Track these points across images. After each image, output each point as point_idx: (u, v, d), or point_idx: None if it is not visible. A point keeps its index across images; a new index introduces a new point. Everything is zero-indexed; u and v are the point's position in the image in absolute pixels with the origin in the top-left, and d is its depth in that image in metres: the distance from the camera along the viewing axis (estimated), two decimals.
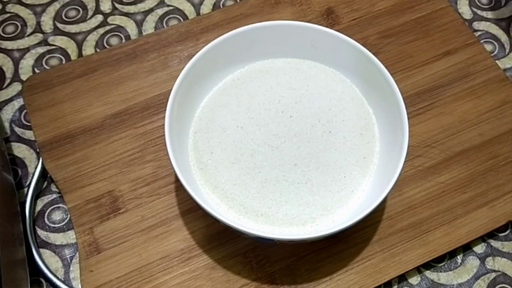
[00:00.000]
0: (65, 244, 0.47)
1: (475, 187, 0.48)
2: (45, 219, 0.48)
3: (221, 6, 0.59)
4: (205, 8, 0.59)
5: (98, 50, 0.57)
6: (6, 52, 0.57)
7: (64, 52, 0.57)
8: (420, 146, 0.50)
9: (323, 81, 0.48)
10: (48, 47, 0.57)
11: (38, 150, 0.50)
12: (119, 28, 0.58)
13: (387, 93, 0.44)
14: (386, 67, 0.44)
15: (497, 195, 0.48)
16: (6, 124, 0.53)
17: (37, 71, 0.55)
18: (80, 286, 0.44)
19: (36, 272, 0.46)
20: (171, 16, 0.59)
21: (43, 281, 0.46)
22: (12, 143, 0.52)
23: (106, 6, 0.59)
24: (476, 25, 0.58)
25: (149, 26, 0.58)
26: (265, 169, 0.44)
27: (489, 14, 0.59)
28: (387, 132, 0.45)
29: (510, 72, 0.55)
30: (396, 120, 0.43)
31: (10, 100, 0.54)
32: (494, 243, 0.47)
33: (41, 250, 0.47)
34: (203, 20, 0.56)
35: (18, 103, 0.54)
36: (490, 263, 0.47)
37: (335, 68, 0.48)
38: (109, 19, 0.59)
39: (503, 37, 0.58)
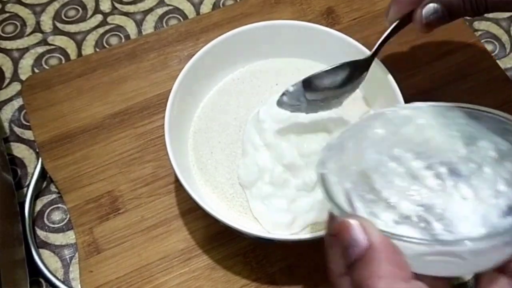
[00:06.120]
0: (65, 244, 0.47)
1: None
2: (45, 219, 0.48)
3: (221, 6, 0.59)
4: (205, 8, 0.59)
5: (97, 49, 0.56)
6: (6, 52, 0.57)
7: (63, 51, 0.57)
8: None
9: None
10: (48, 47, 0.57)
11: (37, 150, 0.50)
12: (119, 28, 0.58)
13: (387, 93, 0.44)
14: (386, 67, 0.44)
15: None
16: (6, 124, 0.53)
17: (36, 71, 0.55)
18: (79, 287, 0.44)
19: (35, 273, 0.45)
20: (170, 15, 0.59)
21: (42, 281, 0.46)
22: (12, 143, 0.52)
23: (105, 6, 0.59)
24: (476, 24, 0.58)
25: (148, 26, 0.58)
26: None
27: (489, 14, 0.59)
28: None
29: (510, 72, 0.55)
30: None
31: (10, 100, 0.54)
32: None
33: (41, 251, 0.47)
34: (203, 20, 0.56)
35: (17, 103, 0.54)
36: None
37: None
38: (109, 19, 0.58)
39: (504, 37, 0.58)
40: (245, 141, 0.44)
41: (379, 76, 0.44)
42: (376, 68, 0.44)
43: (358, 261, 0.25)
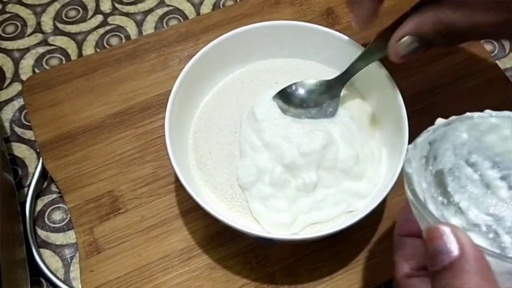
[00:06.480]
0: (65, 244, 0.47)
1: None
2: (45, 219, 0.48)
3: (221, 6, 0.59)
4: (205, 8, 0.59)
5: (98, 50, 0.57)
6: (6, 52, 0.57)
7: (64, 52, 0.57)
8: None
9: None
10: (48, 47, 0.57)
11: (38, 150, 0.50)
12: (119, 28, 0.58)
13: (387, 93, 0.44)
14: (386, 67, 0.44)
15: None
16: (6, 124, 0.53)
17: (37, 71, 0.56)
18: (80, 286, 0.44)
19: (36, 272, 0.46)
20: (171, 16, 0.59)
21: (43, 281, 0.46)
22: (12, 143, 0.52)
23: (106, 6, 0.59)
24: None
25: (149, 26, 0.58)
26: None
27: None
28: (387, 132, 0.45)
29: (510, 72, 0.55)
30: (396, 120, 0.43)
31: (10, 100, 0.54)
32: None
33: (41, 250, 0.47)
34: (203, 20, 0.57)
35: (18, 103, 0.54)
36: None
37: (335, 68, 0.48)
38: (109, 19, 0.59)
39: None
40: (242, 143, 0.44)
41: (378, 76, 0.44)
42: (376, 68, 0.44)
43: (447, 269, 0.24)
